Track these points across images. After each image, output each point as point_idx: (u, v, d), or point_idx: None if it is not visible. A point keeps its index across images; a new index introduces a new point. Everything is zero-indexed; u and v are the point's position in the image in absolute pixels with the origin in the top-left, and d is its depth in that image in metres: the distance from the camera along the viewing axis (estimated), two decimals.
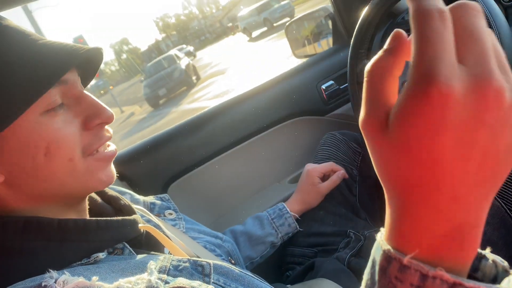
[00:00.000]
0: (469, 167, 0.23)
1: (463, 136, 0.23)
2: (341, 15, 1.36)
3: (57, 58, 0.45)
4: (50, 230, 0.46)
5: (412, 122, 0.23)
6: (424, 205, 0.25)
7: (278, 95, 1.31)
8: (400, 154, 0.24)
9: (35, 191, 0.48)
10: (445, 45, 0.23)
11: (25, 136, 0.45)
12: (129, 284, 0.42)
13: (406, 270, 0.25)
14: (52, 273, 0.41)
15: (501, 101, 0.23)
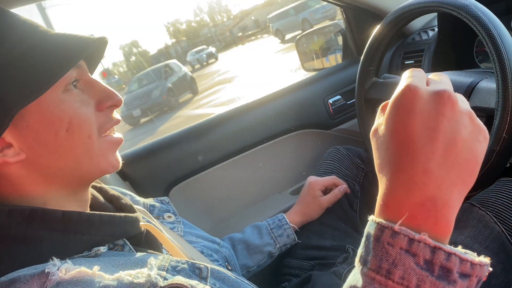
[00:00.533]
0: (435, 147, 0.32)
1: (428, 122, 0.33)
2: (352, 31, 1.38)
3: (75, 44, 0.49)
4: (54, 221, 0.47)
5: (393, 113, 0.35)
6: (403, 177, 0.33)
7: (285, 106, 1.32)
8: (387, 141, 0.34)
9: (51, 170, 0.50)
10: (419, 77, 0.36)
11: (50, 111, 0.47)
12: (129, 276, 0.42)
13: (396, 236, 0.31)
14: (55, 261, 0.42)
15: (453, 103, 0.34)
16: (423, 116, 0.33)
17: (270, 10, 45.11)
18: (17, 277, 0.40)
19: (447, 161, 0.32)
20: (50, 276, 0.40)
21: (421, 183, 0.32)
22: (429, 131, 0.33)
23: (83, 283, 0.40)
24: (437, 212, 0.32)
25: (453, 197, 0.32)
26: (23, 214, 0.46)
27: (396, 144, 0.34)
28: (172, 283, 0.43)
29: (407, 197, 0.32)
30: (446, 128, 0.33)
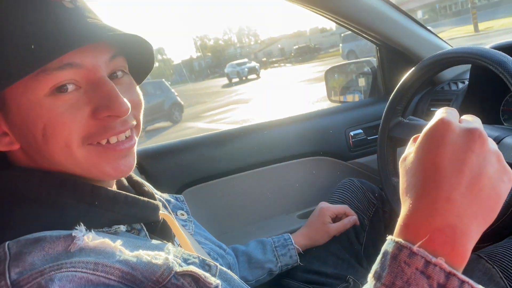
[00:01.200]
0: (461, 179, 0.34)
1: (457, 154, 0.35)
2: (383, 71, 1.42)
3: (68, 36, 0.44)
4: (83, 193, 0.48)
5: (424, 142, 0.37)
6: (426, 202, 0.34)
7: (307, 130, 1.34)
8: (415, 167, 0.37)
9: (46, 164, 0.49)
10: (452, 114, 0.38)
11: (26, 113, 0.45)
12: (147, 256, 0.44)
13: (414, 256, 0.32)
14: (82, 227, 0.44)
15: (483, 141, 0.36)
16: (453, 148, 0.35)
17: (297, 41, 45.93)
18: (43, 237, 0.42)
19: (470, 194, 0.34)
20: (75, 240, 0.42)
21: (442, 210, 0.33)
22: (457, 163, 0.35)
23: (105, 253, 0.42)
24: (455, 239, 0.33)
25: (472, 228, 0.34)
26: (55, 181, 0.48)
27: (423, 171, 0.36)
28: (187, 270, 0.45)
29: (427, 221, 0.34)
30: (474, 163, 0.35)
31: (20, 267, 0.39)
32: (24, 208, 0.45)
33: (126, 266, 0.42)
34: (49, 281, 0.37)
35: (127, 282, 0.41)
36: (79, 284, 0.38)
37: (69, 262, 0.39)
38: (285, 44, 49.33)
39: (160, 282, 0.43)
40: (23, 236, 0.42)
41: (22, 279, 0.38)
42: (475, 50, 0.85)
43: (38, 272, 0.38)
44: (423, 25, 1.28)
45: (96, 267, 0.40)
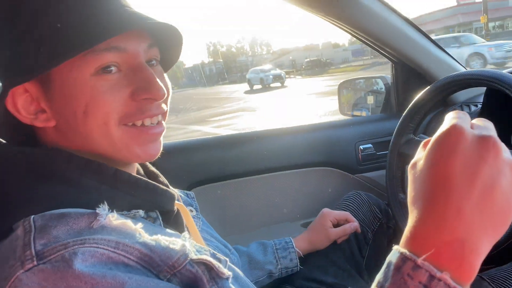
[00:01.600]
0: (472, 191, 0.32)
1: (469, 164, 0.33)
2: (397, 88, 1.43)
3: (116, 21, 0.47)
4: (106, 176, 0.50)
5: (435, 150, 0.35)
6: (435, 214, 0.32)
7: (317, 140, 1.36)
8: (424, 176, 0.34)
9: (79, 144, 0.51)
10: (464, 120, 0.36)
11: (70, 90, 0.48)
12: (166, 241, 0.45)
13: (418, 269, 0.31)
14: (105, 206, 0.45)
15: (497, 151, 0.33)
16: (465, 157, 0.33)
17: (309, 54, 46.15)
18: (68, 212, 0.44)
19: (481, 206, 0.32)
20: (98, 217, 0.44)
21: (452, 223, 0.32)
22: (469, 174, 0.32)
23: (126, 234, 0.43)
24: (464, 255, 0.31)
25: (482, 243, 0.32)
26: (80, 162, 0.49)
27: (433, 179, 0.34)
28: (202, 258, 0.46)
29: (435, 233, 0.32)
30: (486, 174, 0.33)
31: (45, 239, 0.40)
32: (49, 186, 0.47)
33: (145, 248, 0.43)
34: (73, 254, 0.38)
35: (144, 264, 0.42)
36: (100, 260, 0.39)
37: (91, 238, 0.41)
38: (297, 56, 49.58)
39: (175, 267, 0.44)
40: (48, 211, 0.44)
41: (47, 250, 0.39)
42: (492, 74, 0.86)
43: (62, 244, 0.39)
44: (440, 46, 1.29)
45: (117, 246, 0.41)
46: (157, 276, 0.43)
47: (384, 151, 1.36)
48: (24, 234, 0.41)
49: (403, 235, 0.34)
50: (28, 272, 0.38)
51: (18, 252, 0.40)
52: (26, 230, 0.41)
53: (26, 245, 0.40)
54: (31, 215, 0.43)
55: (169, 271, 0.43)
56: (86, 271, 0.38)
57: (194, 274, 0.44)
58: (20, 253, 0.39)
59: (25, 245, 0.40)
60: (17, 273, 0.38)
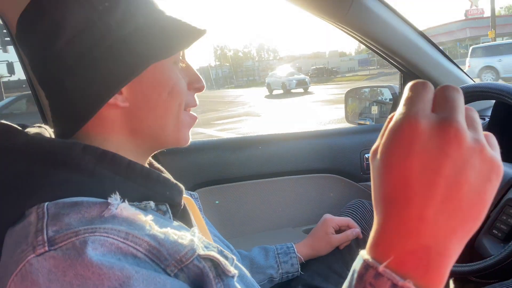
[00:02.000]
0: (435, 193, 0.28)
1: (428, 163, 0.28)
2: None
3: (195, 28, 0.57)
4: (121, 166, 0.50)
5: (389, 147, 0.30)
6: (396, 221, 0.30)
7: (321, 147, 1.36)
8: (382, 176, 0.31)
9: (142, 124, 0.56)
10: (422, 100, 0.31)
11: (161, 74, 0.55)
12: (174, 235, 0.45)
13: (380, 277, 0.29)
14: (117, 196, 0.46)
15: (461, 139, 0.29)
16: (423, 155, 0.29)
17: (315, 62, 46.29)
18: (80, 201, 0.44)
19: (447, 208, 0.29)
20: (110, 206, 0.44)
21: (415, 230, 0.29)
22: (429, 174, 0.29)
23: (136, 225, 0.44)
24: (429, 261, 0.29)
25: (451, 247, 0.29)
26: (96, 152, 0.50)
27: (391, 183, 0.30)
28: (209, 254, 0.46)
29: (398, 242, 0.29)
30: (450, 171, 0.28)
31: (57, 226, 0.41)
32: (64, 174, 0.47)
33: (154, 241, 0.43)
34: (83, 242, 0.39)
35: (152, 257, 0.42)
36: (109, 249, 0.40)
37: (102, 227, 0.41)
38: (303, 63, 49.74)
39: (183, 261, 0.44)
40: (61, 199, 0.44)
41: (58, 236, 0.40)
42: (501, 87, 0.86)
43: (73, 232, 0.40)
44: (450, 58, 1.29)
45: (127, 237, 0.42)
46: (164, 270, 0.43)
47: None
48: (37, 221, 0.42)
49: (369, 240, 0.32)
50: (39, 257, 0.38)
51: (31, 237, 0.40)
52: (40, 216, 0.42)
53: (39, 231, 0.40)
54: (45, 201, 0.44)
55: (176, 265, 0.43)
56: (95, 260, 0.38)
57: (201, 269, 0.44)
58: (32, 238, 0.40)
59: (37, 231, 0.40)
60: (28, 257, 0.39)
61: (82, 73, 0.51)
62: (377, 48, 1.23)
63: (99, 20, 0.50)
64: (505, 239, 0.84)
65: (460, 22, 35.50)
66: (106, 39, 0.51)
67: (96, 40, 0.50)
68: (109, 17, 0.51)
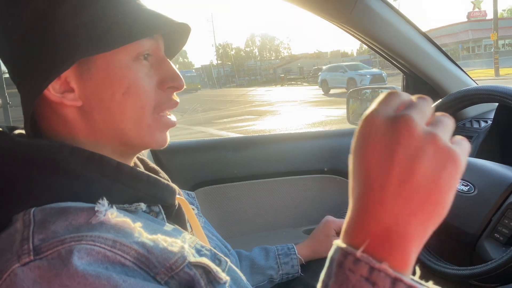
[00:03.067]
0: (390, 178, 0.31)
1: (384, 150, 0.31)
2: None
3: (158, 17, 0.52)
4: (109, 168, 0.49)
5: (354, 142, 0.34)
6: (359, 206, 0.32)
7: (322, 148, 1.35)
8: (351, 161, 0.34)
9: (100, 125, 0.52)
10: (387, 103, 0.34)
11: (114, 72, 0.50)
12: (164, 242, 0.45)
13: (358, 263, 0.30)
14: (104, 202, 0.45)
15: (411, 129, 0.31)
16: (379, 145, 0.32)
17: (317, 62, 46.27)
18: (68, 208, 0.43)
19: (403, 192, 0.31)
20: (97, 213, 0.43)
21: (375, 213, 0.31)
22: (385, 162, 0.31)
23: (124, 232, 0.43)
24: (391, 243, 0.31)
25: (411, 228, 0.31)
26: (83, 154, 0.49)
27: (356, 173, 0.33)
28: (200, 261, 0.45)
29: (362, 226, 0.32)
30: (402, 158, 0.31)
31: (43, 234, 0.40)
32: (51, 178, 0.46)
33: (143, 249, 0.42)
34: (69, 251, 0.38)
35: (141, 264, 0.42)
36: (96, 258, 0.39)
37: (89, 235, 0.40)
38: (305, 63, 49.71)
39: (173, 269, 0.43)
40: (49, 204, 0.44)
41: (44, 245, 0.39)
42: (505, 90, 0.86)
43: (59, 240, 0.39)
44: (452, 59, 1.29)
45: (114, 245, 0.41)
46: (154, 278, 0.42)
47: None
48: (23, 228, 0.41)
49: (341, 230, 0.34)
50: (24, 267, 0.38)
51: (16, 246, 0.39)
52: (26, 224, 0.41)
53: (25, 239, 0.40)
54: (32, 206, 0.43)
55: (167, 273, 0.43)
56: (81, 270, 0.37)
57: (192, 277, 0.44)
58: (18, 247, 0.39)
59: (23, 239, 0.40)
60: (13, 266, 0.38)
61: (26, 67, 0.49)
62: (380, 49, 1.23)
63: (47, 12, 0.48)
64: (506, 243, 0.84)
65: (463, 24, 35.49)
66: (49, 32, 0.48)
67: (41, 34, 0.48)
68: (57, 9, 0.48)
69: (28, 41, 0.49)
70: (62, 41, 0.48)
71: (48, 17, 0.48)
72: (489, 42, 30.06)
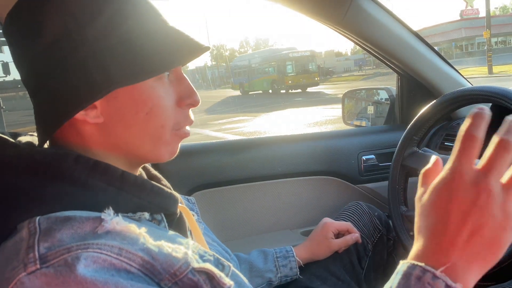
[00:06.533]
0: (464, 228, 0.39)
1: (464, 206, 0.39)
2: (402, 100, 1.43)
3: (189, 44, 0.52)
4: (114, 177, 0.50)
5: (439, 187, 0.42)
6: (434, 241, 0.41)
7: (319, 149, 1.36)
8: (429, 211, 0.42)
9: (119, 140, 0.53)
10: (469, 157, 0.40)
11: (139, 93, 0.51)
12: (168, 248, 0.45)
13: (436, 279, 0.39)
14: (110, 211, 0.45)
15: (489, 197, 0.39)
16: (462, 201, 0.40)
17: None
18: (73, 216, 0.43)
19: (471, 240, 0.40)
20: (103, 222, 0.43)
21: (447, 251, 0.40)
22: (463, 214, 0.40)
23: (130, 239, 0.43)
24: (457, 273, 0.39)
25: (473, 267, 0.40)
26: (88, 163, 0.49)
27: (434, 216, 0.42)
28: (204, 267, 0.46)
29: (434, 255, 0.41)
30: (477, 216, 0.39)
31: (49, 242, 0.40)
32: (57, 186, 0.46)
33: (148, 255, 0.43)
34: (75, 259, 0.38)
35: (146, 271, 0.42)
36: (102, 266, 0.39)
37: (95, 243, 0.40)
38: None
39: (177, 275, 0.43)
40: (54, 212, 0.44)
41: (50, 253, 0.39)
42: (499, 90, 0.87)
43: (65, 248, 0.39)
44: (446, 60, 1.30)
45: (120, 252, 0.41)
46: (158, 284, 0.43)
47: (386, 162, 1.36)
48: (28, 236, 0.41)
49: (411, 254, 0.42)
50: (30, 275, 0.38)
51: (22, 254, 0.39)
52: (31, 232, 0.41)
53: (30, 247, 0.40)
54: (37, 215, 0.43)
55: (170, 279, 0.43)
56: (89, 276, 0.37)
57: (195, 283, 0.44)
58: (24, 255, 0.39)
59: (29, 248, 0.40)
60: (19, 275, 0.38)
61: (52, 83, 0.48)
62: (374, 51, 1.24)
63: (76, 30, 0.47)
64: None
65: (456, 23, 35.67)
66: (79, 52, 0.47)
67: (69, 51, 0.47)
68: (87, 29, 0.47)
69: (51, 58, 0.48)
70: (92, 65, 0.47)
71: (76, 36, 0.47)
72: (482, 40, 30.26)
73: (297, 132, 1.41)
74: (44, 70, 0.49)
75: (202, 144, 1.27)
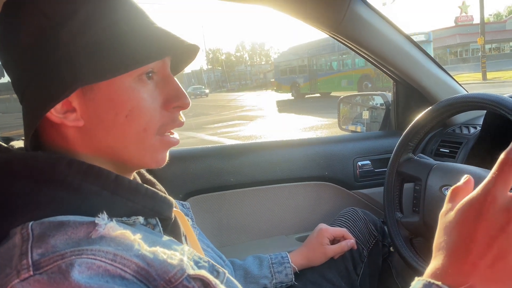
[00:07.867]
0: (489, 251, 0.38)
1: (491, 230, 0.38)
2: (398, 106, 1.44)
3: (167, 40, 0.51)
4: (107, 181, 0.49)
5: (468, 206, 0.40)
6: (455, 261, 0.40)
7: (314, 155, 1.35)
8: (453, 228, 0.41)
9: (101, 144, 0.52)
10: (504, 181, 0.39)
11: (117, 94, 0.49)
12: (164, 254, 0.44)
13: None
14: (104, 216, 0.44)
15: None
16: (489, 224, 0.39)
17: None
18: (67, 221, 0.43)
19: (494, 265, 0.38)
20: (97, 227, 0.43)
21: (467, 272, 0.39)
22: (489, 238, 0.39)
23: (124, 245, 0.43)
24: None
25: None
26: (81, 167, 0.48)
27: (458, 235, 0.40)
28: (199, 274, 0.45)
29: (453, 274, 0.39)
30: (503, 242, 0.38)
31: (42, 248, 0.39)
32: (50, 191, 0.46)
33: (143, 262, 0.42)
34: (69, 265, 0.38)
35: (140, 278, 0.42)
36: (97, 272, 0.39)
37: (89, 249, 0.40)
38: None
39: (172, 282, 0.43)
40: (47, 217, 0.43)
41: (43, 260, 0.38)
42: (494, 98, 0.87)
43: (59, 255, 0.39)
44: (442, 67, 1.31)
45: (115, 258, 0.41)
46: None
47: (382, 168, 1.36)
48: (21, 243, 0.40)
49: (428, 270, 0.42)
50: (24, 282, 0.37)
51: (15, 261, 0.39)
52: (24, 238, 0.41)
53: (23, 254, 0.39)
54: (30, 220, 0.43)
55: (166, 286, 0.43)
56: (83, 283, 0.37)
57: None
58: (17, 262, 0.39)
59: (22, 254, 0.39)
60: (13, 282, 0.37)
61: (32, 85, 0.48)
62: (370, 57, 1.24)
63: (51, 31, 0.47)
64: None
65: (450, 29, 36.00)
66: (55, 53, 0.47)
67: (46, 52, 0.47)
68: (62, 29, 0.47)
69: (30, 60, 0.48)
70: (64, 65, 0.47)
71: (50, 38, 0.47)
72: (476, 47, 30.53)
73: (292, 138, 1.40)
74: (24, 72, 0.49)
75: (197, 149, 1.26)
